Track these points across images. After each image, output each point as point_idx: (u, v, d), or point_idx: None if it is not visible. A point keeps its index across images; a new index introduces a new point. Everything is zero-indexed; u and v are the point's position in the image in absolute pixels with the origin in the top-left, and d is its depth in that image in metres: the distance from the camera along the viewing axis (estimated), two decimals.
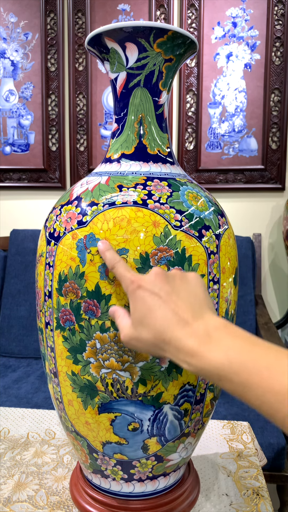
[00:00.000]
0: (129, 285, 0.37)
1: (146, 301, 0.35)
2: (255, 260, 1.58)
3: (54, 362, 0.45)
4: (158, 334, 0.34)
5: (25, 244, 1.59)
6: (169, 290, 0.36)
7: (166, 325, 0.34)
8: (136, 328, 0.36)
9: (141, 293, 0.36)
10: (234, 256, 0.47)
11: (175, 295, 0.36)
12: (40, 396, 1.22)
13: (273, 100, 1.59)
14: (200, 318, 0.34)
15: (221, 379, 0.31)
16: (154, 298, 0.35)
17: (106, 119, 1.69)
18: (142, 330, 0.35)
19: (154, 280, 0.36)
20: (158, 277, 0.36)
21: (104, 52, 0.46)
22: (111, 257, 0.39)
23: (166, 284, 0.36)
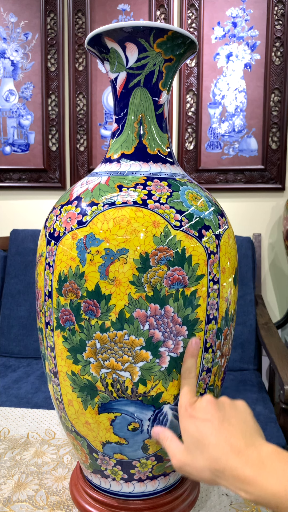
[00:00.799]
0: (183, 411, 0.39)
1: (198, 428, 0.37)
2: (255, 260, 1.58)
3: (54, 362, 0.45)
4: (213, 461, 0.35)
5: (25, 244, 1.59)
6: (221, 418, 0.37)
7: (221, 453, 0.35)
8: (190, 454, 0.37)
9: (193, 421, 0.38)
10: (234, 256, 0.47)
11: (227, 422, 0.37)
12: (40, 396, 1.22)
13: (273, 100, 1.59)
14: (252, 445, 0.35)
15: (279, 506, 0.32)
16: (207, 424, 0.37)
17: (106, 119, 1.69)
18: (197, 457, 0.36)
19: (205, 407, 0.38)
20: (209, 404, 0.38)
21: (104, 52, 0.46)
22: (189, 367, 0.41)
23: (217, 411, 0.37)
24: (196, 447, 0.36)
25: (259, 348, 1.47)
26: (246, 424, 0.37)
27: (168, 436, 0.40)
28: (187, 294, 0.41)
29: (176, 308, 0.40)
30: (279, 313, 1.71)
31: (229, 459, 0.34)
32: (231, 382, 1.31)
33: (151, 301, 0.40)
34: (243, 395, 1.22)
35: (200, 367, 0.44)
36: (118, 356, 0.41)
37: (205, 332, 0.43)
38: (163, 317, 0.40)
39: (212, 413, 0.37)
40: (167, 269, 0.40)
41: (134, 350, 0.41)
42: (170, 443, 0.39)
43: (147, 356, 0.41)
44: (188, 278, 0.41)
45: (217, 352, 0.45)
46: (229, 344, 0.49)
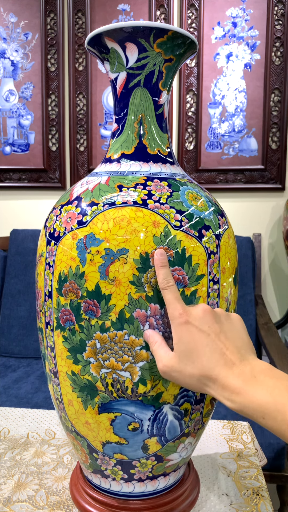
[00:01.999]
0: (177, 316, 0.38)
1: (194, 337, 0.37)
2: (255, 260, 1.58)
3: (54, 362, 0.45)
4: (205, 370, 0.36)
5: (25, 244, 1.59)
6: (218, 330, 0.37)
7: (214, 364, 0.35)
8: (181, 361, 0.37)
9: (189, 328, 0.37)
10: (234, 256, 0.47)
11: (223, 335, 0.37)
12: (40, 396, 1.22)
13: (273, 100, 1.59)
14: (245, 360, 0.36)
15: (265, 417, 0.32)
16: (203, 335, 0.37)
17: (106, 119, 1.69)
18: (187, 364, 0.36)
19: (203, 317, 0.38)
20: (206, 314, 0.38)
21: (104, 52, 0.46)
22: (164, 277, 0.39)
23: (214, 323, 0.38)
24: (188, 355, 0.36)
25: (259, 348, 1.47)
26: (242, 340, 0.38)
27: (157, 340, 0.39)
28: (187, 294, 0.41)
29: None
30: (279, 313, 1.71)
31: (222, 370, 0.35)
32: None
33: (151, 301, 0.40)
34: None
35: None
36: (118, 356, 0.41)
37: None
38: (163, 317, 0.40)
39: (209, 325, 0.37)
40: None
41: (134, 350, 0.41)
42: (158, 348, 0.39)
43: (147, 356, 0.41)
44: (188, 278, 0.41)
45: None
46: None
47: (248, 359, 0.36)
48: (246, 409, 0.33)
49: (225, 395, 0.35)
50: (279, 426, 0.32)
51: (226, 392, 0.34)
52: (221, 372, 0.35)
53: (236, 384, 0.34)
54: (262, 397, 0.33)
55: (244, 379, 0.34)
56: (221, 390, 0.35)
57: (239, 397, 0.34)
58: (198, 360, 0.36)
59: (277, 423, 0.32)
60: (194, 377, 0.36)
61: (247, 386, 0.34)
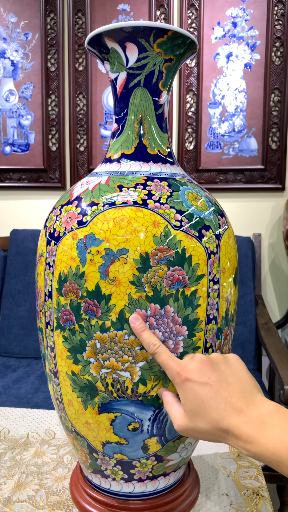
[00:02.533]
0: (176, 376, 0.38)
1: (197, 393, 0.36)
2: (255, 260, 1.58)
3: (54, 362, 0.45)
4: (215, 423, 0.35)
5: (25, 244, 1.59)
6: (218, 378, 0.37)
7: (222, 415, 0.35)
8: (191, 419, 0.37)
9: (190, 385, 0.37)
10: (234, 256, 0.47)
11: (225, 382, 0.36)
12: (40, 396, 1.22)
13: (273, 100, 1.59)
14: (252, 404, 0.35)
15: (280, 465, 0.32)
16: (205, 388, 0.36)
17: (106, 119, 1.69)
18: (198, 421, 0.36)
19: (200, 369, 0.37)
20: (204, 365, 0.37)
21: (104, 52, 0.46)
22: (149, 341, 0.39)
23: (214, 372, 0.37)
24: (196, 411, 0.36)
25: (259, 348, 1.47)
26: (243, 381, 0.37)
27: (169, 399, 0.40)
28: (187, 294, 0.41)
29: (176, 308, 0.40)
30: (279, 313, 1.71)
31: (231, 420, 0.34)
32: None
33: (151, 301, 0.40)
34: None
35: None
36: (118, 356, 0.41)
37: (205, 332, 0.43)
38: (163, 317, 0.40)
39: (209, 375, 0.36)
40: (167, 269, 0.40)
41: (134, 350, 0.41)
42: (171, 407, 0.39)
43: (147, 356, 0.41)
44: (188, 278, 0.41)
45: (217, 352, 0.45)
46: (229, 344, 0.49)
47: (255, 402, 0.35)
48: (262, 458, 0.33)
49: (239, 444, 0.34)
50: None
51: (240, 442, 0.34)
52: (230, 422, 0.34)
53: (248, 433, 0.34)
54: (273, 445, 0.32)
55: (254, 427, 0.34)
56: (235, 440, 0.35)
57: (252, 446, 0.33)
58: (206, 414, 0.36)
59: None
60: (208, 432, 0.36)
61: (258, 433, 0.33)
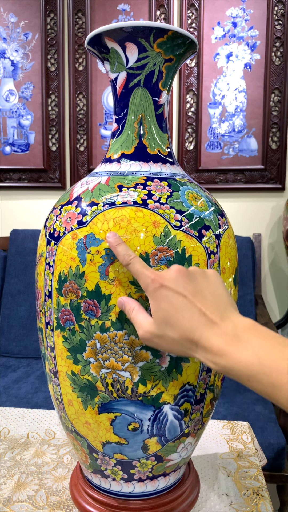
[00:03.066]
0: (150, 283, 0.36)
1: (171, 301, 0.35)
2: (255, 260, 1.58)
3: (54, 362, 0.45)
4: (186, 333, 0.34)
5: (25, 244, 1.59)
6: (194, 290, 0.35)
7: (195, 326, 0.34)
8: (160, 327, 0.35)
9: (164, 292, 0.35)
10: (234, 256, 0.47)
11: (200, 295, 0.35)
12: (40, 396, 1.22)
13: (273, 100, 1.59)
14: (227, 318, 0.34)
15: (250, 379, 0.31)
16: (179, 297, 0.35)
17: (106, 119, 1.69)
18: (167, 329, 0.35)
19: (176, 278, 0.36)
20: (180, 275, 0.36)
21: (104, 52, 0.46)
22: (124, 253, 0.37)
23: (189, 283, 0.35)
24: (167, 319, 0.35)
25: None
26: (220, 297, 0.36)
27: (135, 306, 0.38)
28: None
29: None
30: (279, 313, 1.71)
31: (203, 331, 0.33)
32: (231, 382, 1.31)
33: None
34: (243, 395, 1.22)
35: (200, 367, 0.44)
36: (118, 356, 0.41)
37: None
38: None
39: (184, 285, 0.35)
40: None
41: (134, 350, 0.41)
42: (137, 314, 0.37)
43: (147, 356, 0.41)
44: None
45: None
46: None
47: (230, 316, 0.34)
48: (231, 371, 0.32)
49: (208, 357, 0.33)
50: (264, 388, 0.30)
51: (209, 355, 0.33)
52: (202, 333, 0.33)
53: (219, 345, 0.32)
54: (247, 358, 0.31)
55: (227, 339, 0.32)
56: (204, 353, 0.33)
57: (222, 359, 0.32)
58: (177, 323, 0.34)
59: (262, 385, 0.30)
60: (175, 341, 0.35)
61: (231, 346, 0.32)
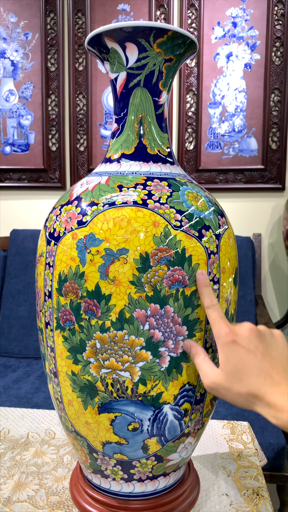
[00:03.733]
0: (223, 336, 0.39)
1: (242, 357, 0.38)
2: (255, 260, 1.58)
3: (54, 362, 0.45)
4: (252, 389, 0.37)
5: (25, 244, 1.59)
6: (264, 350, 0.38)
7: (261, 383, 0.37)
8: (228, 379, 0.38)
9: (236, 347, 0.38)
10: (234, 256, 0.47)
11: (269, 355, 0.38)
12: (40, 396, 1.22)
13: (273, 100, 1.59)
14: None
15: None
16: (250, 355, 0.38)
17: (106, 119, 1.69)
18: (235, 383, 0.38)
19: (249, 337, 0.39)
20: (252, 334, 0.39)
21: (104, 52, 0.46)
22: (209, 297, 0.41)
23: (260, 343, 0.39)
24: (236, 374, 0.38)
25: None
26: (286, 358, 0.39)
27: (201, 353, 0.41)
28: (187, 294, 0.41)
29: (176, 308, 0.40)
30: (279, 313, 1.71)
31: (269, 389, 0.36)
32: None
33: (151, 301, 0.40)
34: None
35: None
36: (118, 356, 0.41)
37: (205, 332, 0.43)
38: (163, 317, 0.40)
39: (256, 345, 0.38)
40: (167, 269, 0.40)
41: (134, 350, 0.41)
42: (203, 362, 0.40)
43: (147, 356, 0.41)
44: (188, 278, 0.41)
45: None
46: None
47: None
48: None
49: (271, 413, 0.36)
50: None
51: (272, 410, 0.36)
52: (268, 390, 0.36)
53: (282, 403, 0.35)
54: None
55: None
56: (267, 408, 0.36)
57: (284, 415, 0.35)
58: (245, 379, 0.37)
59: None
60: (241, 396, 0.38)
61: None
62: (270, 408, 0.36)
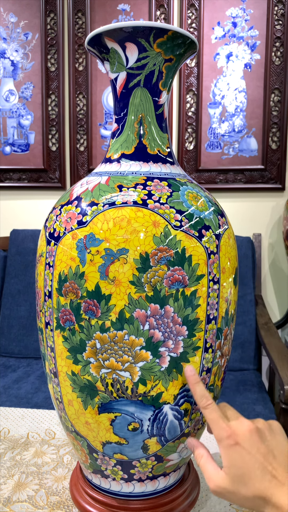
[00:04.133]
0: (225, 438, 0.39)
1: (245, 460, 0.38)
2: (255, 260, 1.58)
3: (54, 362, 0.45)
4: (258, 492, 0.37)
5: (25, 244, 1.59)
6: (265, 451, 0.39)
7: (267, 486, 0.37)
8: (233, 483, 0.38)
9: (239, 450, 0.38)
10: (234, 256, 0.47)
11: (271, 455, 0.39)
12: (40, 396, 1.22)
13: (273, 100, 1.59)
14: None
15: None
16: (252, 458, 0.38)
17: (106, 119, 1.69)
18: (241, 487, 0.38)
19: (250, 438, 0.39)
20: (253, 434, 0.39)
21: (104, 52, 0.46)
22: (202, 394, 0.41)
23: (261, 444, 0.39)
24: (241, 478, 0.38)
25: (259, 348, 1.47)
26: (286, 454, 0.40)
27: (204, 454, 0.41)
28: (187, 294, 0.41)
29: (176, 308, 0.40)
30: (279, 313, 1.71)
31: (274, 491, 0.37)
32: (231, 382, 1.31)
33: (151, 301, 0.40)
34: (243, 395, 1.22)
35: (200, 367, 0.44)
36: (118, 356, 0.41)
37: (205, 332, 0.43)
38: (163, 317, 0.40)
39: (258, 446, 0.39)
40: (167, 269, 0.40)
41: (134, 350, 0.41)
42: (206, 463, 0.40)
43: (147, 356, 0.41)
44: (188, 278, 0.41)
45: (217, 352, 0.45)
46: (229, 344, 0.49)
47: None
48: None
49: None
50: None
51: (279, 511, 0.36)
52: (274, 493, 0.37)
53: None
54: None
55: None
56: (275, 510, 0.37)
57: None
58: (250, 482, 0.38)
59: None
60: (248, 499, 0.38)
61: None
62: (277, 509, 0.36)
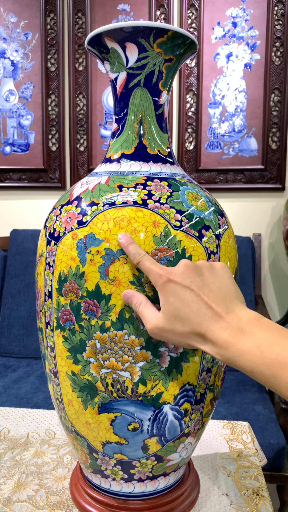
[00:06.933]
0: (158, 278, 0.37)
1: (178, 295, 0.36)
2: (255, 260, 1.58)
3: (54, 362, 0.45)
4: (194, 327, 0.35)
5: (25, 244, 1.59)
6: (200, 283, 0.36)
7: (202, 319, 0.35)
8: (169, 321, 0.36)
9: (172, 286, 0.36)
10: (234, 256, 0.47)
11: (207, 288, 0.36)
12: (40, 396, 1.22)
13: (273, 100, 1.59)
14: (232, 311, 0.35)
15: (253, 371, 0.32)
16: (187, 291, 0.36)
17: (106, 119, 1.69)
18: (176, 323, 0.36)
19: (183, 272, 0.37)
20: (187, 269, 0.37)
21: (104, 52, 0.46)
22: (135, 252, 0.38)
23: (196, 277, 0.36)
24: (176, 314, 0.36)
25: None
26: (226, 289, 0.37)
27: (142, 300, 0.38)
28: None
29: None
30: (279, 313, 1.71)
31: (210, 324, 0.35)
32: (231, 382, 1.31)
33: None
34: (243, 395, 1.22)
35: (200, 367, 0.44)
36: (118, 356, 0.41)
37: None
38: None
39: (191, 279, 0.36)
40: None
41: (134, 350, 0.41)
42: (144, 308, 0.38)
43: (147, 356, 0.41)
44: None
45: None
46: None
47: (235, 309, 0.35)
48: (235, 363, 0.33)
49: (214, 350, 0.34)
50: (266, 380, 0.32)
51: (215, 347, 0.34)
52: (208, 326, 0.35)
53: (224, 338, 0.34)
54: (250, 351, 0.32)
55: (231, 332, 0.34)
56: (210, 345, 0.35)
57: (227, 351, 0.33)
58: (186, 317, 0.36)
59: (264, 377, 0.32)
60: (184, 335, 0.36)
61: (235, 339, 0.33)
62: (213, 345, 0.34)
